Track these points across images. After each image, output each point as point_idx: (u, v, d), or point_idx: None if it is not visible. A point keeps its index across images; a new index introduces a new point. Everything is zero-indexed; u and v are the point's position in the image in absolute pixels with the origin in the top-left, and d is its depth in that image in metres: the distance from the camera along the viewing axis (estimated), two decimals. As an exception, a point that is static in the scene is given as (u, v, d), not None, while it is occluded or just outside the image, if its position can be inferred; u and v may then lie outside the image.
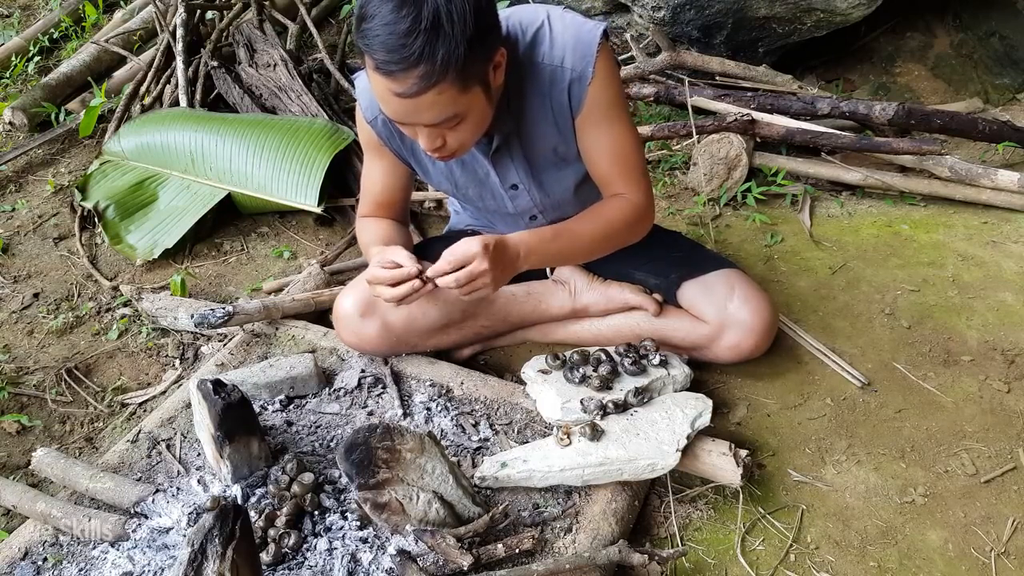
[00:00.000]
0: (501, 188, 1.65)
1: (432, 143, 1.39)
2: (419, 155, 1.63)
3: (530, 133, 1.55)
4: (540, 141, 1.56)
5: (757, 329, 1.67)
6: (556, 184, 1.66)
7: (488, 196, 1.69)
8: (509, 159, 1.59)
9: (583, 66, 1.45)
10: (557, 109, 1.51)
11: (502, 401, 1.69)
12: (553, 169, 1.63)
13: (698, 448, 1.51)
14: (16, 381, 1.98)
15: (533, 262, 1.52)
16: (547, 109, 1.51)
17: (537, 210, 1.71)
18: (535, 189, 1.66)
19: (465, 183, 1.67)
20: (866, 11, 2.92)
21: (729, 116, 2.51)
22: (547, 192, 1.67)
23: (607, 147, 1.55)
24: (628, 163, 1.57)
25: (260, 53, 3.03)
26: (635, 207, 1.59)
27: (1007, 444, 1.60)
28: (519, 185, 1.64)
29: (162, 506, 1.44)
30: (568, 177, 1.65)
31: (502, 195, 1.67)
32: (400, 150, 1.64)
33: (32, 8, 4.01)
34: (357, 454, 1.30)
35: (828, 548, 1.43)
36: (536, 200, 1.68)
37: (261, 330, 1.92)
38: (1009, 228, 2.24)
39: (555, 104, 1.50)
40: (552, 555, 1.36)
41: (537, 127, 1.54)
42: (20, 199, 2.71)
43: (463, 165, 1.62)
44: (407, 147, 1.63)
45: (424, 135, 1.37)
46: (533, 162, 1.61)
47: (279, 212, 2.55)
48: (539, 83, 1.47)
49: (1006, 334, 1.86)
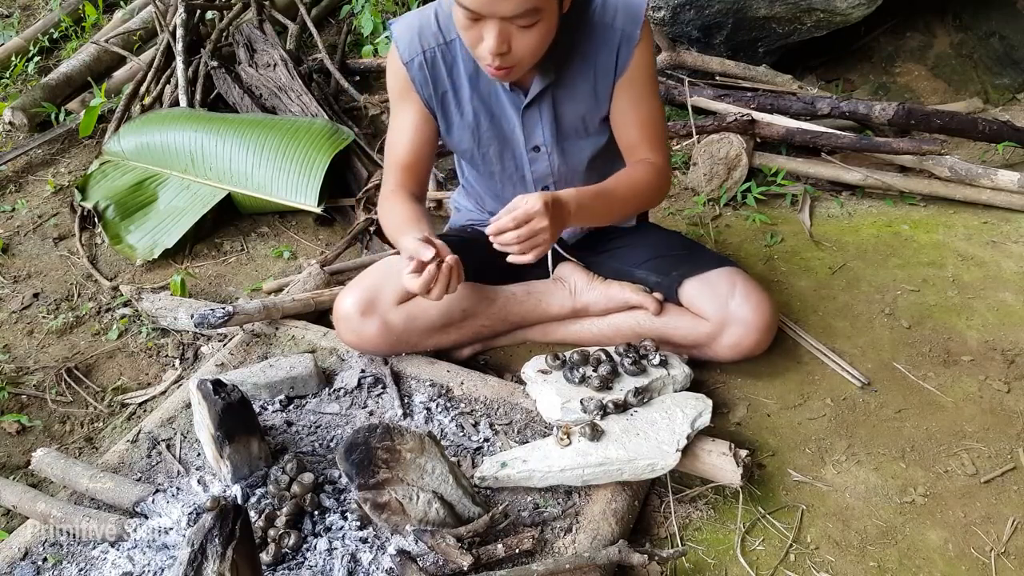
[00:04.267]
0: (524, 148, 1.68)
1: (500, 45, 1.38)
2: (447, 107, 1.64)
3: (565, 93, 1.61)
4: (573, 104, 1.62)
5: (758, 326, 1.67)
6: (575, 153, 1.71)
7: (508, 157, 1.71)
8: (538, 117, 1.64)
9: (632, 28, 1.53)
10: (600, 70, 1.58)
11: (502, 401, 1.69)
12: (575, 137, 1.68)
13: (698, 448, 1.51)
14: (16, 381, 1.98)
15: (579, 219, 1.55)
16: (589, 69, 1.58)
17: (552, 179, 1.74)
18: (556, 154, 1.69)
19: (488, 139, 1.68)
20: (866, 11, 2.93)
21: (729, 116, 2.51)
22: (566, 159, 1.71)
23: (642, 113, 1.63)
24: (657, 130, 1.67)
25: (260, 53, 3.03)
26: (659, 172, 1.66)
27: (1007, 444, 1.60)
28: (541, 147, 1.68)
29: (162, 506, 1.44)
30: (587, 148, 1.71)
31: (522, 156, 1.70)
32: (430, 99, 1.64)
33: (32, 8, 4.01)
34: (357, 454, 1.30)
35: (828, 548, 1.43)
36: (554, 166, 1.71)
37: (261, 330, 1.92)
38: (1009, 228, 2.24)
39: (599, 65, 1.57)
40: (552, 555, 1.36)
41: (575, 87, 1.60)
42: (20, 199, 2.71)
43: (491, 119, 1.65)
44: (437, 96, 1.63)
45: (494, 33, 1.37)
46: (560, 125, 1.65)
47: (279, 212, 2.55)
48: (587, 39, 1.54)
49: (1006, 334, 1.86)
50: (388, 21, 1.64)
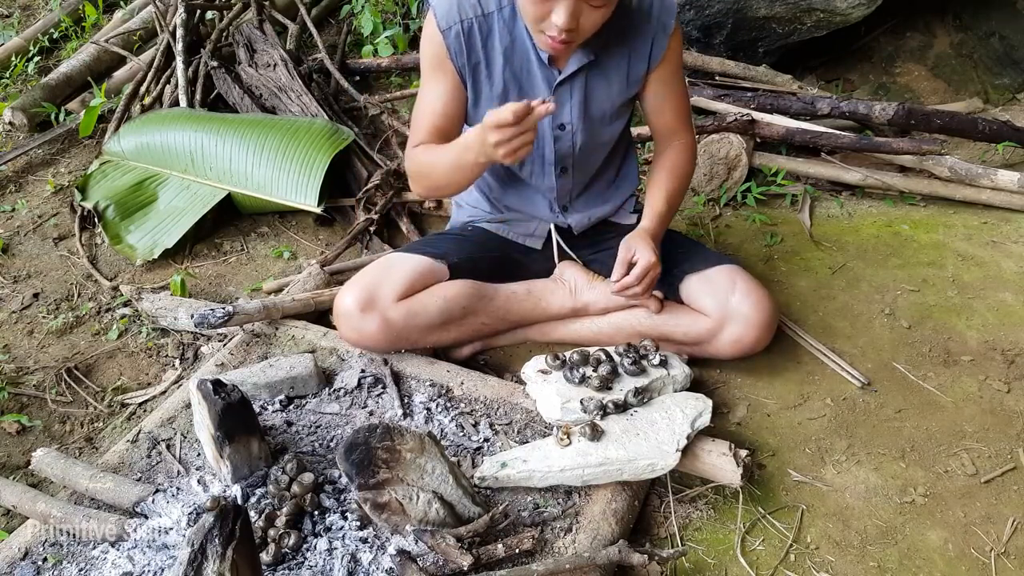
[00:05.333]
0: (549, 126, 1.71)
1: (571, 18, 1.42)
2: (477, 77, 1.66)
3: (599, 74, 1.66)
4: (605, 86, 1.68)
5: (758, 323, 1.67)
6: (598, 134, 1.76)
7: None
8: (568, 95, 1.67)
9: (668, 18, 1.63)
10: (635, 56, 1.65)
11: (502, 401, 1.69)
12: (599, 118, 1.73)
13: (698, 448, 1.51)
14: (16, 381, 1.98)
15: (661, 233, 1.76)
16: (625, 54, 1.64)
17: (571, 159, 1.77)
18: (580, 133, 1.72)
19: None
20: (866, 11, 2.93)
21: (729, 116, 2.51)
22: (588, 139, 1.74)
23: (676, 99, 1.75)
24: (687, 114, 1.82)
25: (260, 53, 3.03)
26: (692, 150, 1.84)
27: (1007, 444, 1.60)
28: (567, 125, 1.71)
29: (162, 506, 1.44)
30: (608, 130, 1.77)
31: (546, 134, 1.72)
32: (463, 68, 1.65)
33: (32, 8, 4.01)
34: (357, 454, 1.30)
35: (828, 548, 1.43)
36: (576, 146, 1.74)
37: (261, 330, 1.92)
38: (1009, 228, 2.24)
39: (635, 51, 1.64)
40: (552, 555, 1.36)
41: (609, 69, 1.66)
42: (20, 199, 2.71)
43: (520, 92, 1.67)
44: (469, 66, 1.65)
45: (568, 9, 1.41)
46: (588, 105, 1.69)
47: (279, 212, 2.55)
48: (626, 24, 1.59)
49: (1006, 334, 1.86)
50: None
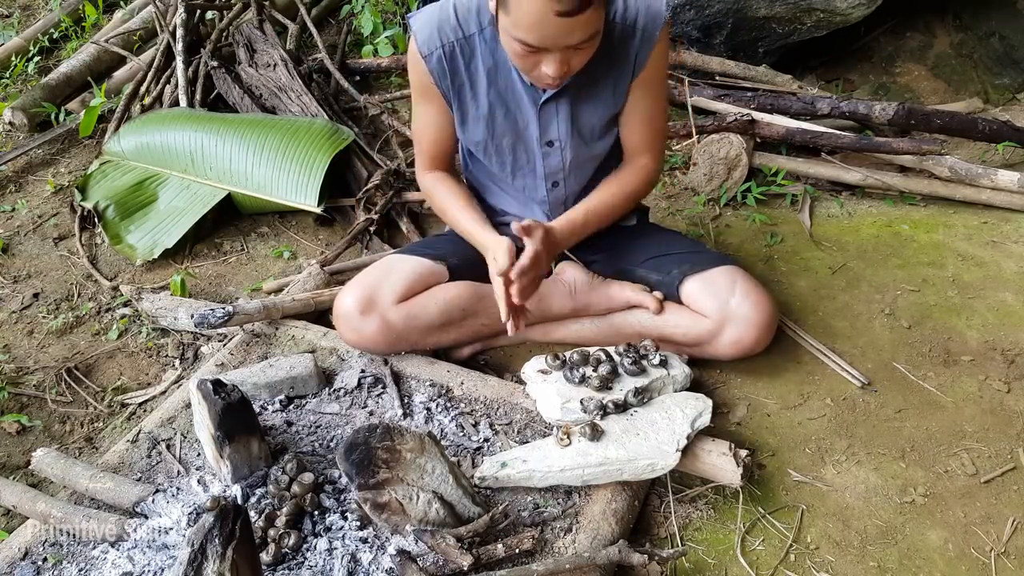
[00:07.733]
0: (537, 143, 1.70)
1: (560, 68, 1.44)
2: (463, 99, 1.67)
3: (585, 91, 1.64)
4: (591, 102, 1.66)
5: (758, 323, 1.67)
6: (588, 149, 1.74)
7: (521, 150, 1.73)
8: (554, 113, 1.66)
9: (653, 28, 1.58)
10: (619, 70, 1.62)
11: (502, 401, 1.69)
12: (589, 133, 1.71)
13: (698, 448, 1.51)
14: (16, 381, 1.98)
15: (568, 245, 1.70)
16: (609, 68, 1.61)
17: (563, 173, 1.76)
18: (569, 149, 1.72)
19: (503, 131, 1.70)
20: (866, 11, 2.92)
21: (729, 116, 2.51)
22: (578, 154, 1.73)
23: (649, 114, 1.70)
24: (659, 133, 1.76)
25: (260, 53, 3.03)
26: (651, 176, 1.77)
27: (1007, 444, 1.60)
28: (555, 142, 1.70)
29: (162, 506, 1.44)
30: (599, 144, 1.74)
31: (535, 151, 1.72)
32: (447, 92, 1.66)
33: (32, 8, 4.01)
34: (357, 454, 1.30)
35: (828, 548, 1.43)
36: (566, 161, 1.74)
37: (261, 330, 1.92)
38: (1009, 228, 2.24)
39: (618, 64, 1.61)
40: (552, 555, 1.36)
41: (595, 85, 1.63)
42: (20, 199, 2.71)
43: (506, 112, 1.67)
44: (454, 89, 1.66)
45: (557, 60, 1.42)
46: (576, 121, 1.68)
47: (279, 212, 2.55)
48: (608, 40, 1.56)
49: (1006, 334, 1.86)
50: (408, 15, 1.66)
